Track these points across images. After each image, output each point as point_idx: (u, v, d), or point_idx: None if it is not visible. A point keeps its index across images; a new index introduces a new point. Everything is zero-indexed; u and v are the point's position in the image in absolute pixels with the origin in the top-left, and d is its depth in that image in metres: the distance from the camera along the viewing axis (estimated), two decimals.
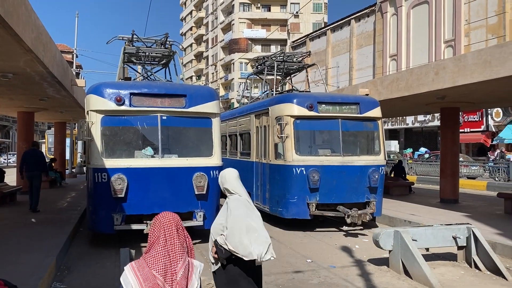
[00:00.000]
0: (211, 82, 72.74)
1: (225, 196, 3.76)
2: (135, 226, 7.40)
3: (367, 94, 12.27)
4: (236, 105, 17.50)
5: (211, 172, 7.93)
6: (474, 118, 29.34)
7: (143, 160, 7.60)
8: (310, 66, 12.92)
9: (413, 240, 6.28)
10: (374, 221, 10.02)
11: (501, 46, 8.17)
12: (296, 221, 9.48)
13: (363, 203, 9.36)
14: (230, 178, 3.59)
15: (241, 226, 3.29)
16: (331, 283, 5.87)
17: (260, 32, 66.51)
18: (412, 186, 15.33)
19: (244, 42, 66.22)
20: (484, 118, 28.74)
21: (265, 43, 66.81)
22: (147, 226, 7.21)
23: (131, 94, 7.60)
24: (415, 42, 33.41)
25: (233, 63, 66.18)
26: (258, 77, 13.92)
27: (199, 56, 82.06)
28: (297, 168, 9.03)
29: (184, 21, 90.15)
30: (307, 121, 9.41)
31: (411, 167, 22.35)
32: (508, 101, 12.03)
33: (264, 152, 10.13)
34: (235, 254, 3.27)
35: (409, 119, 34.81)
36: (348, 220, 8.69)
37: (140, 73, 11.00)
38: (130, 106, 7.58)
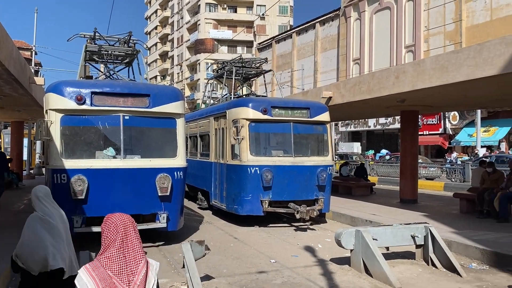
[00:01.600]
0: (176, 82, 71.95)
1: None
2: (95, 229, 7.20)
3: (330, 97, 12.50)
4: (202, 106, 17.68)
5: (175, 173, 7.85)
6: (432, 121, 30.44)
7: (105, 161, 7.43)
8: (267, 72, 13.53)
9: (373, 239, 6.44)
10: (324, 217, 10.95)
11: (457, 52, 8.52)
12: (251, 217, 10.01)
13: (312, 200, 10.02)
14: (32, 196, 3.67)
15: (32, 242, 3.44)
16: (294, 283, 5.93)
17: (226, 33, 66.42)
18: (373, 186, 15.73)
19: (210, 43, 65.94)
20: (442, 121, 29.89)
21: (231, 44, 66.77)
22: None
23: (92, 93, 7.42)
24: (377, 46, 34.31)
25: (199, 64, 65.73)
26: (218, 81, 14.26)
27: (164, 56, 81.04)
28: (251, 168, 9.63)
29: (149, 20, 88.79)
30: (262, 124, 10.05)
31: (373, 168, 22.91)
32: (464, 105, 12.56)
33: (222, 153, 10.63)
34: (26, 269, 3.44)
35: (371, 122, 35.72)
36: (298, 216, 9.37)
37: (102, 72, 10.73)
38: (91, 106, 7.40)
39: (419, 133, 31.05)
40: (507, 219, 9.37)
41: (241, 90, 14.33)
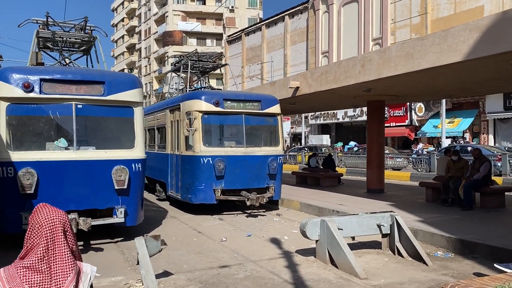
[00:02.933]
0: (144, 76, 70.51)
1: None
2: None
3: (298, 87, 12.31)
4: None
5: (133, 165, 7.44)
6: (399, 113, 30.85)
7: (56, 152, 6.94)
8: (223, 65, 14.28)
9: (339, 229, 6.26)
10: (277, 204, 11.57)
11: (423, 39, 8.44)
12: (205, 206, 10.41)
13: (264, 188, 10.48)
14: None
15: None
16: (257, 276, 5.68)
17: (195, 25, 65.45)
18: (341, 177, 15.69)
19: (178, 35, 64.82)
20: (408, 113, 30.33)
21: (201, 36, 65.94)
22: None
23: (41, 80, 6.90)
24: (346, 39, 34.47)
25: (167, 56, 64.51)
26: (176, 74, 14.48)
27: (131, 49, 79.18)
28: (204, 158, 9.99)
29: (115, 11, 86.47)
30: (214, 116, 10.42)
31: (341, 160, 22.98)
32: (428, 94, 12.61)
33: (177, 144, 10.95)
34: None
35: (340, 114, 35.94)
36: (248, 203, 9.87)
37: (57, 60, 10.13)
38: (40, 93, 6.88)
39: (386, 125, 31.59)
40: (471, 207, 9.42)
41: (199, 83, 14.63)
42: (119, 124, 7.74)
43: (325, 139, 34.94)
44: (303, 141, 37.68)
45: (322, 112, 38.05)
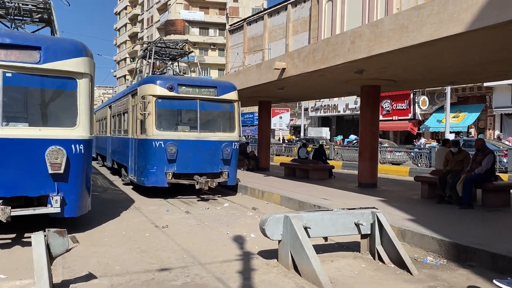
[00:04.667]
0: (147, 65, 69.30)
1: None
2: None
3: (284, 69, 11.15)
4: None
5: (73, 146, 6.36)
6: (402, 106, 29.57)
7: None
8: (190, 52, 14.30)
9: (306, 228, 5.14)
10: (235, 190, 11.76)
11: (419, 8, 7.24)
12: (160, 189, 10.46)
13: (217, 173, 10.52)
14: None
15: None
16: (198, 284, 4.58)
17: (198, 15, 64.20)
18: (332, 170, 14.54)
19: (180, 24, 63.60)
20: (412, 107, 29.04)
21: (203, 26, 64.68)
22: None
23: None
24: (349, 28, 33.06)
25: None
26: (146, 61, 14.09)
27: (133, 37, 77.96)
28: (156, 142, 10.02)
29: (119, 0, 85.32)
30: (168, 101, 10.39)
31: (337, 153, 21.81)
32: (429, 80, 11.39)
33: (135, 128, 11.06)
34: None
35: (341, 107, 34.72)
36: (197, 186, 9.99)
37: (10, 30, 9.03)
38: None
39: (388, 118, 30.50)
40: (471, 204, 8.26)
41: (170, 70, 14.53)
42: (58, 98, 6.64)
43: (325, 132, 33.72)
44: (302, 134, 36.45)
45: (323, 105, 36.85)
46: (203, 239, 6.56)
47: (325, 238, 5.64)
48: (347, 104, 33.86)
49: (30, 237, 6.33)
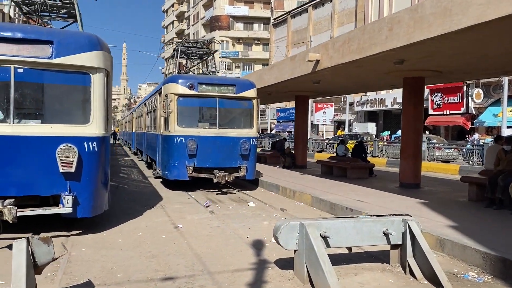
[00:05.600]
0: (173, 64, 69.91)
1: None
2: None
3: (318, 60, 10.49)
4: None
5: (86, 144, 6.12)
6: (454, 100, 27.80)
7: None
8: (215, 52, 14.74)
9: (325, 237, 4.57)
10: (257, 185, 12.24)
11: None
12: (184, 182, 11.09)
13: (236, 168, 10.91)
14: None
15: None
16: None
17: (242, 9, 64.03)
18: (373, 168, 13.67)
19: (225, 20, 63.69)
20: (464, 100, 27.22)
21: (247, 21, 64.42)
22: None
23: None
24: None
25: (214, 41, 63.60)
26: (174, 60, 14.84)
27: (180, 34, 79.08)
28: (177, 138, 10.58)
29: None
30: (189, 99, 10.88)
31: (382, 150, 20.73)
32: (480, 70, 10.31)
33: (160, 125, 11.75)
34: None
35: (388, 101, 33.26)
36: (215, 180, 10.37)
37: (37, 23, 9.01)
38: None
39: (439, 112, 28.75)
40: None
41: (198, 69, 15.30)
42: (71, 94, 6.42)
43: (371, 127, 32.36)
44: (346, 129, 35.28)
45: (369, 99, 35.48)
46: (220, 243, 6.12)
47: (349, 249, 5.03)
48: (395, 98, 32.32)
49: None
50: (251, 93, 11.23)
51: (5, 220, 5.38)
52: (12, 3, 8.68)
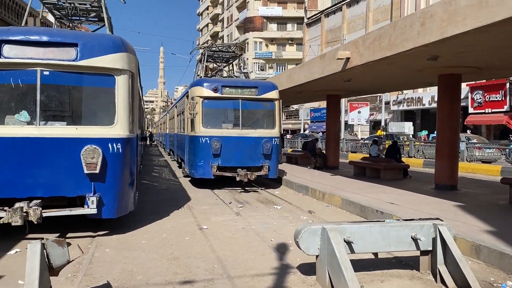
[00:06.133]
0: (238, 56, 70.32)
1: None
2: (0, 213, 5.66)
3: (348, 58, 10.21)
4: None
5: (110, 145, 6.14)
6: (496, 98, 26.56)
7: (15, 128, 5.85)
8: (241, 55, 15.17)
9: (349, 242, 4.36)
10: (280, 183, 12.67)
11: None
12: (209, 181, 11.57)
13: (259, 167, 11.27)
14: None
15: None
16: None
17: (276, 10, 63.88)
18: (408, 169, 13.17)
19: (259, 21, 63.75)
20: (508, 98, 25.95)
21: (281, 21, 64.21)
22: (6, 213, 5.45)
23: (1, 41, 5.83)
24: None
25: (247, 43, 63.77)
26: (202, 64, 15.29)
27: (215, 37, 79.80)
28: (202, 138, 11.08)
29: (201, 0, 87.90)
30: (213, 101, 11.37)
31: (418, 150, 20.02)
32: None
33: (188, 126, 12.27)
34: None
35: (426, 99, 32.21)
36: (238, 178, 10.78)
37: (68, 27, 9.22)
38: (0, 57, 5.81)
39: (480, 111, 27.53)
40: None
41: (226, 72, 15.92)
42: (96, 96, 6.47)
43: (407, 127, 31.40)
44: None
45: (406, 97, 34.49)
46: (243, 246, 6.00)
47: (375, 254, 4.79)
48: (433, 97, 31.23)
49: (72, 237, 6.31)
50: (273, 94, 11.58)
51: (30, 220, 5.45)
52: (45, 9, 8.91)
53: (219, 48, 15.16)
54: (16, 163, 5.78)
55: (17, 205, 5.46)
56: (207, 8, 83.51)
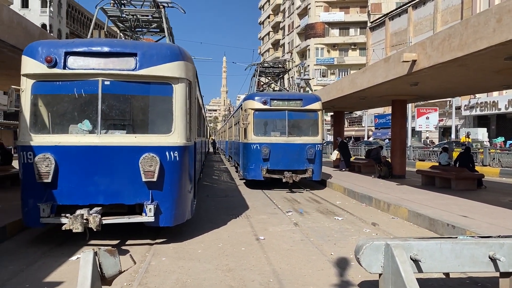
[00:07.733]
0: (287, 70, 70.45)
1: None
2: (64, 220, 5.82)
3: (414, 60, 9.62)
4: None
5: (167, 153, 6.14)
6: None
7: (77, 137, 6.03)
8: (289, 70, 17.40)
9: (416, 260, 3.95)
10: (325, 185, 14.14)
11: None
12: (261, 182, 13.17)
13: (303, 170, 12.61)
14: None
15: None
16: None
17: (338, 15, 62.95)
18: (483, 179, 12.15)
19: (320, 27, 63.16)
20: None
21: (343, 26, 63.15)
22: (68, 220, 5.59)
23: (66, 53, 6.05)
24: None
25: (309, 49, 63.33)
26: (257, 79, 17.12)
27: (276, 45, 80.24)
28: (254, 145, 12.75)
29: (262, 9, 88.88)
30: (263, 112, 13.10)
31: (494, 158, 18.51)
32: None
33: (242, 134, 13.90)
34: None
35: (502, 103, 29.97)
36: (284, 180, 12.16)
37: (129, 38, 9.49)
38: (64, 69, 6.03)
39: None
40: None
41: (276, 86, 17.67)
42: (154, 104, 6.53)
43: (481, 133, 29.36)
44: (453, 135, 32.43)
45: (479, 102, 32.30)
46: (301, 260, 5.72)
47: (446, 274, 4.31)
48: (510, 100, 29.06)
49: (131, 244, 6.38)
50: (316, 105, 13.08)
51: (90, 227, 5.56)
52: (109, 22, 9.24)
53: (270, 64, 16.97)
54: (79, 171, 5.95)
55: (78, 212, 5.59)
56: (268, 17, 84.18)
